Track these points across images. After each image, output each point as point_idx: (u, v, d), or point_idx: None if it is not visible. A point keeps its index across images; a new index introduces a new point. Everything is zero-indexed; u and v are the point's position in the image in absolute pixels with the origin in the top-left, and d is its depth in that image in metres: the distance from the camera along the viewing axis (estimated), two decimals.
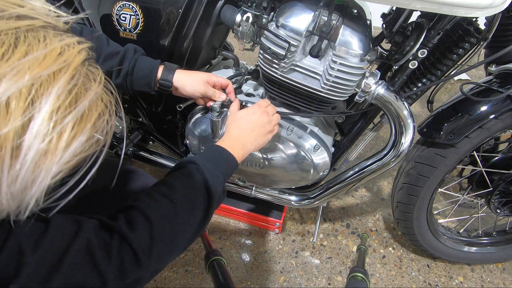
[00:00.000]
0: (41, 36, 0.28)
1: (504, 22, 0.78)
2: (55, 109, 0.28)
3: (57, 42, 0.29)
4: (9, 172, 0.26)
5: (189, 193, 0.62)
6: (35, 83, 0.26)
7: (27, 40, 0.27)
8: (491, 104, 0.86)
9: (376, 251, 1.32)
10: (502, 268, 1.30)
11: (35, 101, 0.27)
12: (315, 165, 0.97)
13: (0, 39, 0.26)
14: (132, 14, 0.85)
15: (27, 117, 0.26)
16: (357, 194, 1.53)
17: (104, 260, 0.47)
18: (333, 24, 0.75)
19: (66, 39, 0.30)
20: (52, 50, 0.28)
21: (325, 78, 0.79)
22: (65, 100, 0.28)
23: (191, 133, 1.00)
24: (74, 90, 0.29)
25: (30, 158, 0.27)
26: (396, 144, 0.91)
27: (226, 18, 0.85)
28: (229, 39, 1.13)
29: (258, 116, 0.79)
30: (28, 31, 0.28)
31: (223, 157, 0.71)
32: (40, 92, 0.27)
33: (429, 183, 1.01)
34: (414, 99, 0.93)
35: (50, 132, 0.27)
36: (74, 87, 0.29)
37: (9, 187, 0.27)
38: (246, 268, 1.24)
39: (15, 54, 0.26)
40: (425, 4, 0.64)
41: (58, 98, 0.28)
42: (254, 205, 1.34)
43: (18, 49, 0.26)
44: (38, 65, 0.27)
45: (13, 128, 0.25)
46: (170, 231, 0.56)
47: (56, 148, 0.28)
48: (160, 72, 0.81)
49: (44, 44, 0.28)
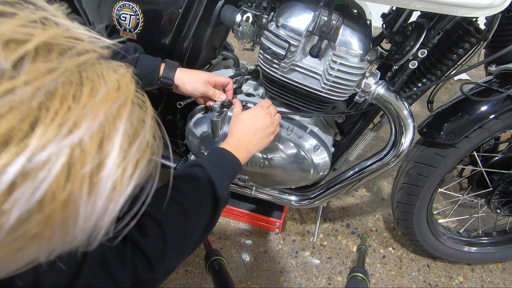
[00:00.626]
0: (98, 70, 0.28)
1: (504, 22, 0.78)
2: (123, 143, 0.28)
3: (112, 74, 0.29)
4: (85, 208, 0.27)
5: (197, 196, 0.62)
6: (106, 121, 0.27)
7: (89, 77, 0.27)
8: (491, 104, 0.86)
9: (376, 251, 1.32)
10: (502, 268, 1.30)
11: (107, 139, 0.27)
12: (315, 165, 0.97)
13: (67, 79, 0.25)
14: (132, 14, 0.85)
15: (103, 154, 0.27)
16: (357, 194, 1.53)
17: (119, 268, 0.48)
18: (333, 24, 0.75)
19: (118, 69, 0.30)
20: (112, 85, 0.28)
21: (325, 78, 0.79)
22: (130, 134, 0.29)
23: (191, 133, 1.00)
24: (135, 123, 0.30)
25: (104, 193, 0.28)
26: (396, 144, 0.90)
27: (226, 18, 0.85)
28: (229, 39, 1.13)
29: (261, 118, 0.80)
30: (88, 67, 0.28)
31: (228, 160, 0.71)
32: (110, 129, 0.27)
33: (429, 183, 1.01)
34: (414, 99, 0.93)
35: (121, 166, 0.28)
36: (134, 119, 0.30)
37: (84, 222, 0.28)
38: (246, 268, 1.24)
39: (83, 94, 0.26)
40: (425, 4, 0.64)
41: (125, 133, 0.28)
42: (254, 205, 1.34)
43: (85, 88, 0.26)
44: (105, 102, 0.27)
45: (91, 167, 0.26)
46: (180, 235, 0.57)
47: (124, 181, 0.29)
48: (162, 70, 0.82)
49: (103, 79, 0.28)
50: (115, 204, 0.29)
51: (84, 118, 0.25)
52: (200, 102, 0.91)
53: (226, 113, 0.92)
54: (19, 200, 0.23)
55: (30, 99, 0.23)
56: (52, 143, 0.23)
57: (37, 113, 0.23)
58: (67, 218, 0.26)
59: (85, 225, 0.28)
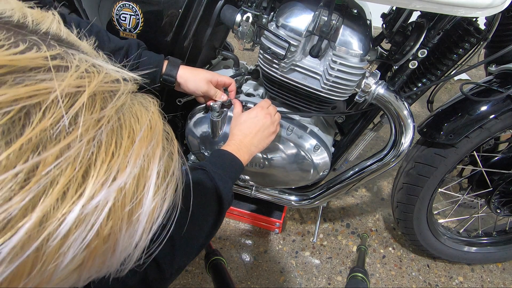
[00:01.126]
0: (133, 112, 0.29)
1: (504, 22, 0.78)
2: (157, 181, 0.30)
3: (145, 114, 0.30)
4: (123, 241, 0.29)
5: (202, 199, 0.62)
6: (143, 162, 0.28)
7: (127, 120, 0.28)
8: (491, 104, 0.86)
9: (376, 251, 1.32)
10: (502, 268, 1.30)
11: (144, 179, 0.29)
12: (315, 165, 0.97)
13: (111, 126, 0.27)
14: (132, 14, 0.85)
15: (141, 194, 0.28)
16: (357, 194, 1.53)
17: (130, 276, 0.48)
18: (333, 24, 0.75)
19: (149, 107, 0.31)
20: (146, 126, 0.29)
21: (325, 78, 0.79)
22: (163, 171, 0.30)
23: (191, 133, 1.00)
24: (166, 158, 0.31)
25: (140, 228, 0.29)
26: (396, 144, 0.90)
27: (226, 18, 0.85)
28: (229, 39, 1.13)
29: (261, 118, 0.80)
30: (125, 110, 0.29)
31: (230, 162, 0.72)
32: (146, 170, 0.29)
33: (429, 183, 1.01)
34: (414, 99, 0.93)
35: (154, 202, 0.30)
36: (164, 156, 0.31)
37: (121, 253, 0.29)
38: (246, 268, 1.24)
39: (123, 139, 0.27)
40: (425, 4, 0.64)
41: (159, 171, 0.30)
42: (254, 205, 1.34)
43: (124, 133, 0.27)
44: (143, 144, 0.28)
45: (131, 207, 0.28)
46: (186, 238, 0.58)
47: (155, 213, 0.31)
48: (165, 67, 0.82)
49: (138, 121, 0.29)
50: (147, 235, 0.31)
51: (127, 163, 0.27)
52: (200, 101, 0.91)
53: (226, 113, 0.92)
54: (74, 243, 0.25)
55: (84, 152, 0.24)
56: (102, 191, 0.25)
57: (88, 163, 0.25)
58: (107, 250, 0.28)
59: (121, 256, 0.30)
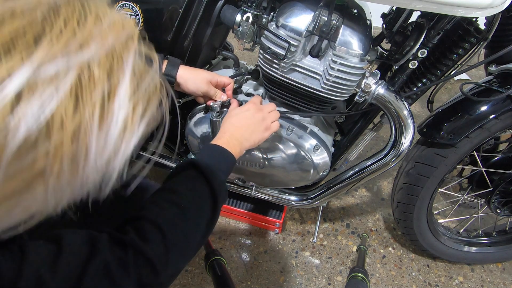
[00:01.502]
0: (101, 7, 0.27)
1: (504, 22, 0.78)
2: (133, 78, 0.27)
3: (116, 14, 0.28)
4: (96, 143, 0.26)
5: (195, 196, 0.61)
6: (114, 50, 0.26)
7: (93, 10, 0.26)
8: (491, 104, 0.86)
9: (376, 251, 1.32)
10: (502, 268, 1.30)
11: (116, 68, 0.26)
12: (315, 165, 0.97)
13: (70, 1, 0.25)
14: (132, 14, 0.85)
15: (113, 84, 0.25)
16: (357, 194, 1.53)
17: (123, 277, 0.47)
18: (333, 24, 0.75)
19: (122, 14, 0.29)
20: (117, 21, 0.27)
21: (325, 78, 0.79)
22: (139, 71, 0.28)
23: (191, 133, 1.00)
24: (143, 62, 0.29)
25: (116, 129, 0.26)
26: (396, 144, 0.90)
27: (226, 18, 0.85)
28: (229, 39, 1.13)
29: (252, 113, 0.79)
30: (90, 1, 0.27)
31: (221, 155, 0.71)
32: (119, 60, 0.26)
33: (429, 183, 1.01)
34: (414, 99, 0.93)
35: (131, 101, 0.27)
36: (142, 59, 0.29)
37: (95, 160, 0.26)
38: (246, 268, 1.24)
39: (88, 22, 0.25)
40: (425, 4, 0.64)
41: (134, 68, 0.27)
42: (254, 205, 1.33)
43: (89, 18, 0.25)
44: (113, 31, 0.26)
45: (101, 96, 0.24)
46: (182, 237, 0.56)
47: (135, 119, 0.28)
48: (164, 67, 0.81)
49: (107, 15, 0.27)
50: (127, 144, 0.28)
51: (92, 39, 0.24)
52: (200, 101, 0.91)
53: (226, 113, 0.92)
54: (26, 115, 0.22)
55: (33, 9, 0.22)
56: (59, 58, 0.22)
57: (40, 27, 0.22)
58: (77, 153, 0.25)
59: (97, 164, 0.27)
